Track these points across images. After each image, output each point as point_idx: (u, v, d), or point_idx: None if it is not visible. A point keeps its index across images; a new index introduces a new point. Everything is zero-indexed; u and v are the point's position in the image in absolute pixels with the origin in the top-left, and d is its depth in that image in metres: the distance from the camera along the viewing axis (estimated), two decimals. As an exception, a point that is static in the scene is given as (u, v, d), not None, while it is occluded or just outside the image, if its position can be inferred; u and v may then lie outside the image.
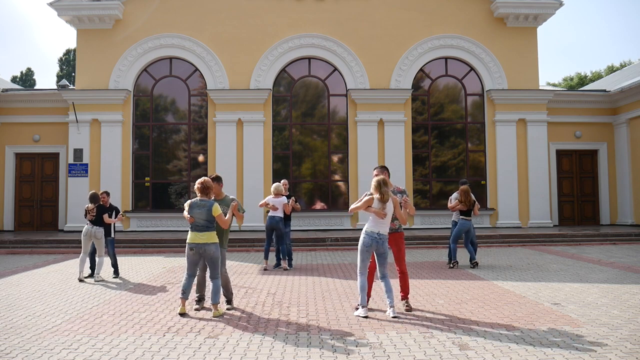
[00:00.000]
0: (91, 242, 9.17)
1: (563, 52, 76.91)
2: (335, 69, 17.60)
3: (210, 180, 6.55)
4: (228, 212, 6.61)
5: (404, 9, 17.65)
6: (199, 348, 4.93)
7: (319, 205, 17.68)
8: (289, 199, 10.37)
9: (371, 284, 6.54)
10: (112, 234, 9.58)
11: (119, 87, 17.17)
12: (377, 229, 6.13)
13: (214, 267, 6.34)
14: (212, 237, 6.31)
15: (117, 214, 9.54)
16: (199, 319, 6.10)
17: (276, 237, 10.20)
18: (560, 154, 18.34)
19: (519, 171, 17.41)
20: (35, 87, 37.35)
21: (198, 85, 17.68)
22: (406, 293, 6.51)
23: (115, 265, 9.42)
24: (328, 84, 17.74)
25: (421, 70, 17.81)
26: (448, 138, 17.95)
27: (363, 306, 6.13)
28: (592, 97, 18.64)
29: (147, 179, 17.44)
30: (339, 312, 6.33)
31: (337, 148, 17.71)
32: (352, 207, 6.36)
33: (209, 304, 6.67)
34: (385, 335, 5.30)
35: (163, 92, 17.77)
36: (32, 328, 5.71)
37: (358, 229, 5.57)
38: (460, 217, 10.26)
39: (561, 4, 17.39)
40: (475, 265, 10.05)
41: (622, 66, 38.10)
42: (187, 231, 6.56)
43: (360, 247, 6.19)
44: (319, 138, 17.90)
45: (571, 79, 43.36)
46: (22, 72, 43.45)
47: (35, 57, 69.50)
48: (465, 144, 17.84)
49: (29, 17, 72.74)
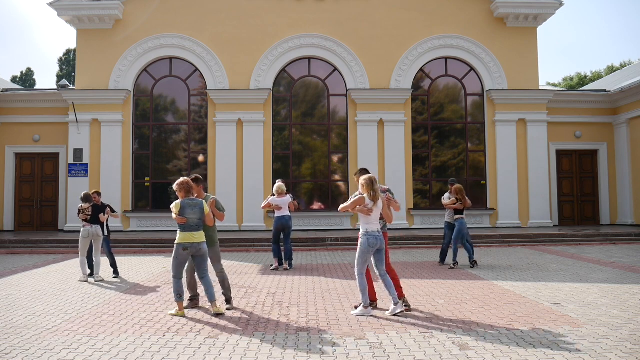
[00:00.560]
0: (90, 243, 9.15)
1: (563, 52, 76.98)
2: (335, 69, 17.60)
3: (189, 180, 6.53)
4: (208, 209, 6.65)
5: (404, 9, 17.65)
6: (199, 348, 4.94)
7: (319, 205, 17.70)
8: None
9: (372, 284, 6.54)
10: (107, 232, 9.60)
11: (119, 87, 17.17)
12: (374, 227, 6.18)
13: (203, 265, 6.40)
14: (203, 235, 6.41)
15: (110, 209, 9.60)
16: (199, 319, 6.10)
17: (285, 236, 10.22)
18: (560, 154, 18.34)
19: (519, 171, 17.40)
20: (35, 87, 37.34)
21: (198, 85, 17.68)
22: (400, 291, 6.51)
23: (114, 265, 9.41)
24: (328, 84, 17.74)
25: (421, 70, 17.81)
26: (448, 138, 17.95)
27: (366, 307, 6.15)
28: (592, 97, 18.64)
29: (147, 179, 17.44)
30: (339, 312, 6.33)
31: (337, 148, 17.72)
32: (341, 206, 6.43)
33: (207, 305, 6.68)
34: (385, 335, 5.30)
35: (163, 92, 17.77)
36: (32, 328, 5.71)
37: (358, 229, 5.58)
38: (458, 216, 10.27)
39: (561, 4, 17.39)
40: (474, 264, 10.06)
41: (622, 66, 38.08)
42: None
43: (364, 248, 6.18)
44: (319, 138, 17.90)
45: (571, 79, 43.35)
46: (22, 72, 43.43)
47: (35, 57, 69.57)
48: (465, 144, 17.84)
49: (29, 17, 72.81)
